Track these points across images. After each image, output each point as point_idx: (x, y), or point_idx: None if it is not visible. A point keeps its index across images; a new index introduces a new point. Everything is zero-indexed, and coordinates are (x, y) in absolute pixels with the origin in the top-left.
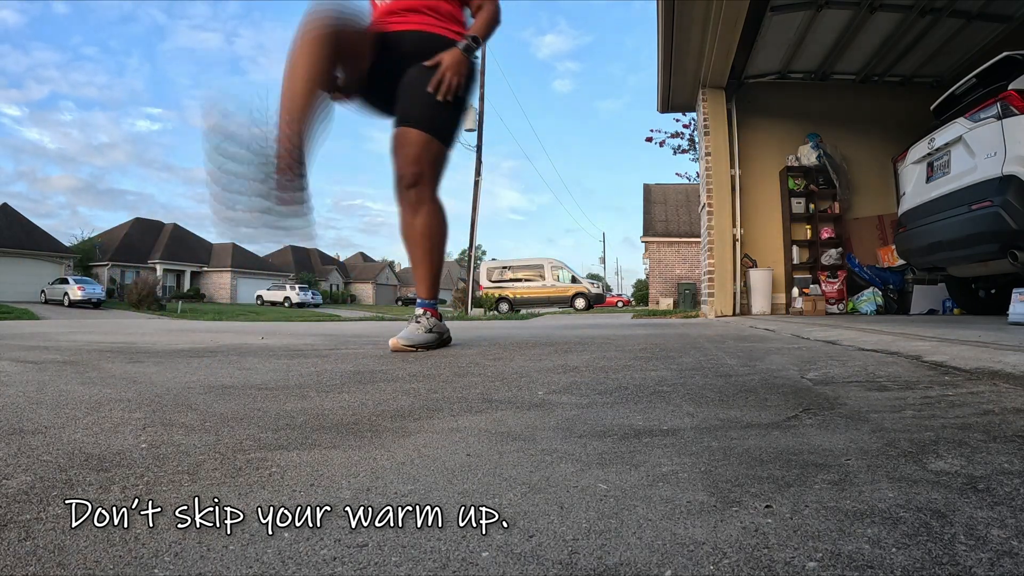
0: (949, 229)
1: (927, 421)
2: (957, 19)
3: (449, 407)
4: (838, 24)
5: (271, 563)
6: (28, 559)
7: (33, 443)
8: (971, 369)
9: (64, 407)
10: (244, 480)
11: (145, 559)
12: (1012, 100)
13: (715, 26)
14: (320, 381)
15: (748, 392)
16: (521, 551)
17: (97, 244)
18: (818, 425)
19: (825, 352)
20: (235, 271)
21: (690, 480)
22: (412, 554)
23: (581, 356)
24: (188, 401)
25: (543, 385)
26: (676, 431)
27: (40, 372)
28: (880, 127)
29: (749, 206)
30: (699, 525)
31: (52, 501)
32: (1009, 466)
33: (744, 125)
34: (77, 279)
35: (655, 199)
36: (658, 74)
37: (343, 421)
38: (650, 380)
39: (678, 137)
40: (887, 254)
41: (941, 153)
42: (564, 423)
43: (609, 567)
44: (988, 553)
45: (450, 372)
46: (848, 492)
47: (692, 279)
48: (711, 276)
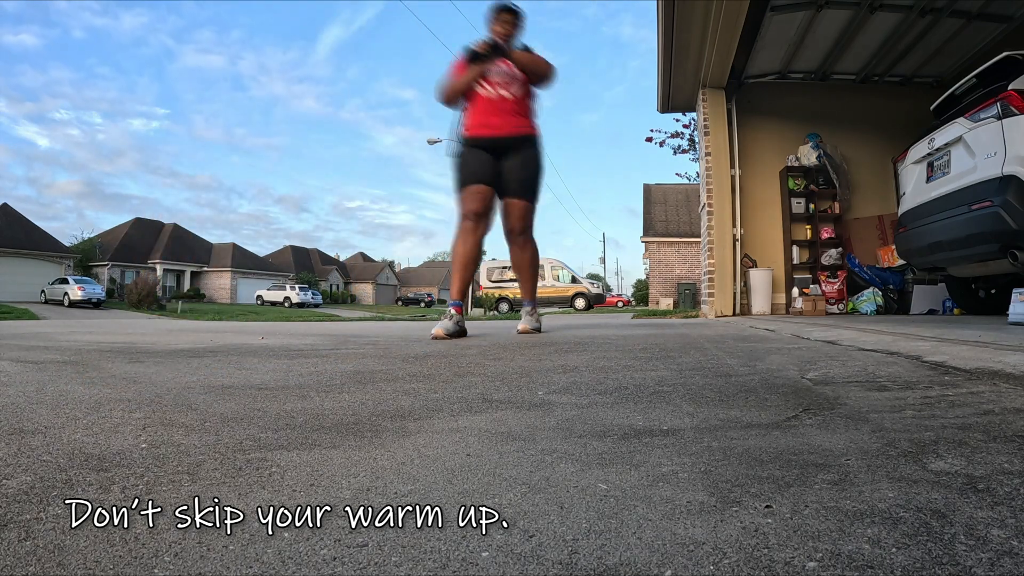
0: (949, 229)
1: (927, 421)
2: (957, 19)
3: (449, 407)
4: (838, 24)
5: (271, 563)
6: (28, 559)
7: (33, 443)
8: (971, 369)
9: (64, 407)
10: (244, 480)
11: (145, 559)
12: (1012, 100)
13: (715, 26)
14: (320, 381)
15: (748, 392)
16: (521, 551)
17: (97, 244)
18: (818, 425)
19: (825, 352)
20: (235, 271)
21: (690, 480)
22: (412, 554)
23: (581, 356)
24: (188, 401)
25: (543, 385)
26: (676, 431)
27: (40, 372)
28: (880, 127)
29: (749, 206)
30: (699, 525)
31: (52, 501)
32: (1009, 466)
33: (744, 125)
34: (77, 279)
35: (655, 199)
36: (658, 74)
37: (343, 421)
38: (650, 380)
39: (678, 137)
40: (887, 254)
41: (941, 153)
42: (564, 423)
43: (609, 567)
44: (988, 553)
45: (450, 372)
46: (848, 492)
47: (692, 279)
48: (711, 276)
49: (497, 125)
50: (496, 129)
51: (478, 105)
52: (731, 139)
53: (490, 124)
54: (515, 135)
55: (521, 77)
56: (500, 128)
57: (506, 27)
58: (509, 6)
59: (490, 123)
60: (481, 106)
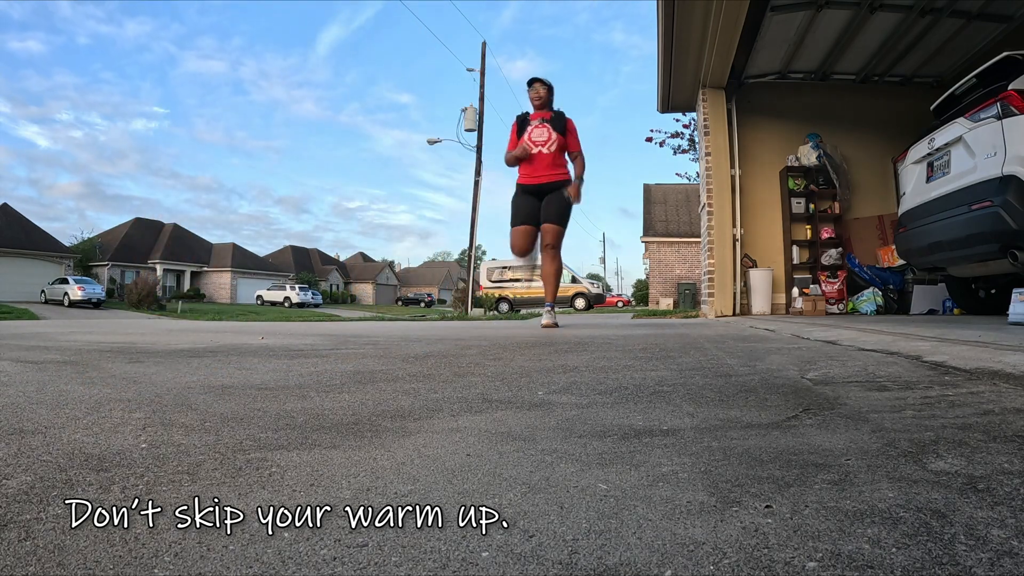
0: (949, 229)
1: (927, 421)
2: (957, 19)
3: (449, 407)
4: (838, 24)
5: (271, 563)
6: (28, 559)
7: (33, 443)
8: (971, 369)
9: (64, 407)
10: (244, 480)
11: (145, 559)
12: (1012, 100)
13: (715, 26)
14: (320, 381)
15: (748, 392)
16: (521, 551)
17: (97, 244)
18: (818, 425)
19: (825, 352)
20: (235, 271)
21: (690, 480)
22: (412, 554)
23: (581, 356)
24: (188, 401)
25: (543, 385)
26: (676, 431)
27: (40, 372)
28: (880, 127)
29: (749, 206)
30: (699, 525)
31: (52, 501)
32: (1009, 466)
33: (744, 125)
34: (77, 279)
35: (655, 199)
36: (658, 74)
37: (343, 421)
38: (650, 380)
39: (678, 137)
40: (887, 254)
41: (941, 153)
42: (564, 423)
43: (609, 567)
44: (988, 553)
45: (450, 372)
46: (848, 492)
47: (692, 279)
48: (711, 276)
49: (540, 176)
50: (539, 179)
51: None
52: (731, 139)
53: (535, 175)
54: (551, 183)
55: (557, 139)
56: (542, 178)
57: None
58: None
59: (536, 174)
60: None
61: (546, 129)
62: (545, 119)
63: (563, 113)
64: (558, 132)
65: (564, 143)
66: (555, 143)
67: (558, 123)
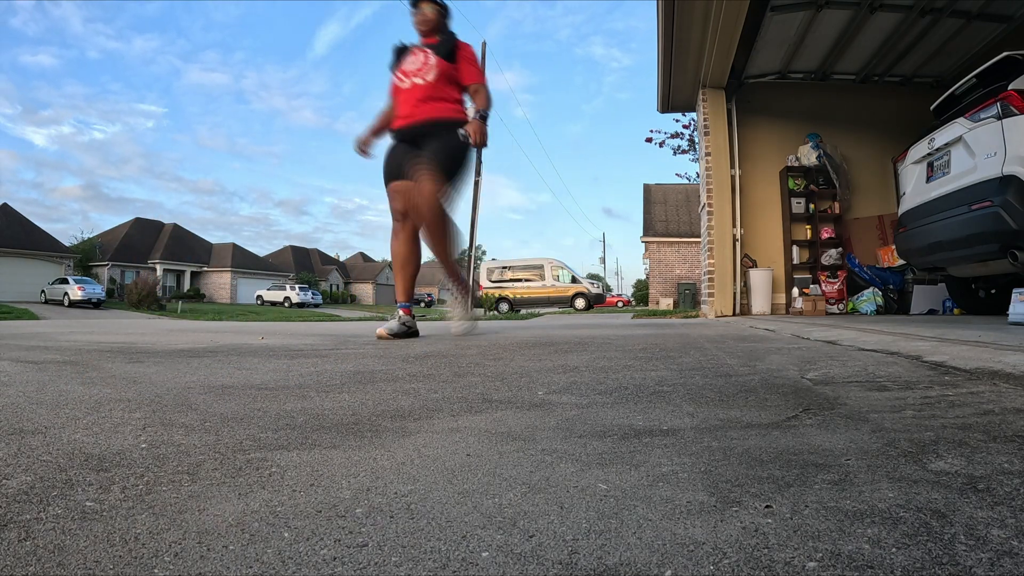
0: (949, 229)
1: (927, 421)
2: (957, 19)
3: (449, 407)
4: (838, 24)
5: (271, 563)
6: (28, 559)
7: (33, 443)
8: (971, 369)
9: (64, 407)
10: (244, 480)
11: (145, 559)
12: (1012, 100)
13: (715, 26)
14: (320, 381)
15: (748, 392)
16: (521, 551)
17: (97, 244)
18: (818, 425)
19: (825, 352)
20: (235, 271)
21: (690, 480)
22: (412, 554)
23: (581, 356)
24: (188, 401)
25: (543, 385)
26: (676, 431)
27: (40, 372)
28: (880, 127)
29: (749, 206)
30: (699, 525)
31: (52, 501)
32: (1009, 466)
33: (744, 125)
34: (77, 279)
35: (655, 199)
36: (658, 74)
37: (343, 421)
38: (650, 380)
39: (678, 137)
40: (887, 254)
41: (941, 153)
42: (564, 423)
43: (609, 567)
44: (988, 553)
45: (450, 372)
46: (848, 492)
47: (692, 279)
48: (711, 276)
49: (409, 114)
50: (408, 118)
51: (397, 98)
52: (731, 139)
53: (403, 114)
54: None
55: (438, 64)
56: (412, 116)
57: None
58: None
59: (404, 113)
60: (399, 98)
61: (423, 54)
62: (429, 44)
63: (455, 35)
64: (441, 57)
65: (452, 71)
66: (434, 70)
67: (444, 47)
